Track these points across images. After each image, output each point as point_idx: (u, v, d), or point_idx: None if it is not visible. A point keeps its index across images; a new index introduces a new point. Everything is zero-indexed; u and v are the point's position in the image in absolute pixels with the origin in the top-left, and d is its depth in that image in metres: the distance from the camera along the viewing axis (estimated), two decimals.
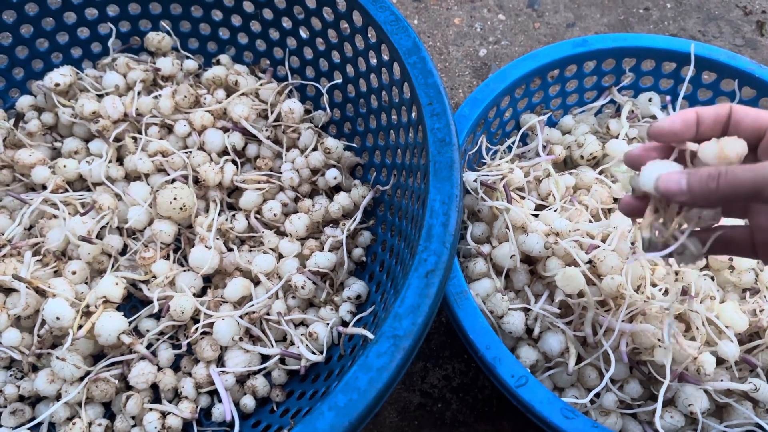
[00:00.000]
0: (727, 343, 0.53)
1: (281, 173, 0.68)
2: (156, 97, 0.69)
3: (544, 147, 0.69)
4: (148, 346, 0.58)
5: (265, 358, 0.59)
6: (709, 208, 0.40)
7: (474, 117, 0.65)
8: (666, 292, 0.55)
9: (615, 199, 0.66)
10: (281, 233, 0.66)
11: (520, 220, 0.59)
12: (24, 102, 0.70)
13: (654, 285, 0.56)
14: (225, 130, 0.69)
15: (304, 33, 0.74)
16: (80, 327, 0.53)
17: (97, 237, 0.61)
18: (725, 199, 0.37)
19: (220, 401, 0.56)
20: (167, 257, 0.62)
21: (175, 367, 0.59)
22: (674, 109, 0.73)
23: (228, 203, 0.68)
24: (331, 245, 0.64)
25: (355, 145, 0.72)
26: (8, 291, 0.59)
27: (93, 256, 0.61)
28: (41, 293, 0.56)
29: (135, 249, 0.63)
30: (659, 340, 0.52)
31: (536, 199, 0.66)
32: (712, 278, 0.59)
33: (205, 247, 0.60)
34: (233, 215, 0.66)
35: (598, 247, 0.56)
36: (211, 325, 0.57)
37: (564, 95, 0.77)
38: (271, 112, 0.70)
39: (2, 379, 0.56)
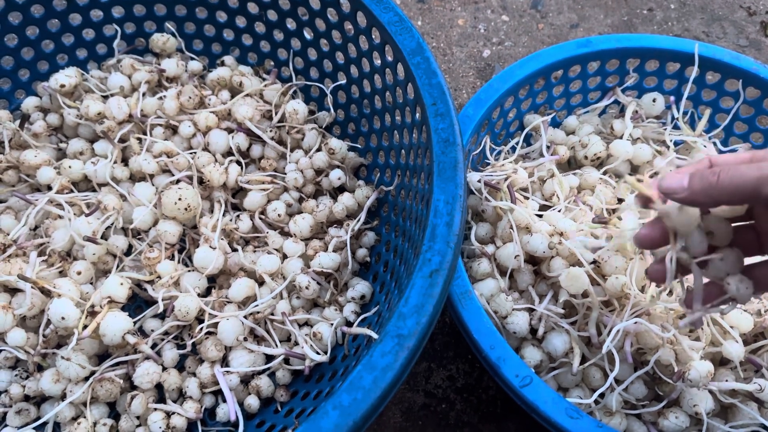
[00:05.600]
0: (732, 343, 0.53)
1: (285, 174, 0.68)
2: (161, 98, 0.70)
3: (548, 147, 0.69)
4: (153, 346, 0.58)
5: (269, 358, 0.59)
6: (708, 207, 0.40)
7: (478, 117, 0.65)
8: (670, 292, 0.55)
9: (619, 200, 0.65)
10: (285, 234, 0.66)
11: (524, 220, 0.59)
12: (29, 103, 0.71)
13: (658, 285, 0.56)
14: (229, 130, 0.69)
15: (308, 34, 0.74)
16: (85, 327, 0.53)
17: (102, 237, 0.61)
18: (725, 193, 0.37)
19: (224, 401, 0.56)
20: (172, 257, 0.63)
21: (180, 367, 0.59)
22: (678, 110, 0.73)
23: (232, 204, 0.68)
24: (335, 246, 0.64)
25: (359, 146, 0.73)
26: (14, 291, 0.59)
27: (98, 257, 0.61)
28: (46, 293, 0.56)
29: (140, 249, 0.63)
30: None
31: (540, 199, 0.66)
32: None
33: (210, 247, 0.60)
34: (238, 216, 0.66)
35: (602, 247, 0.56)
36: (215, 325, 0.57)
37: (568, 96, 0.77)
38: (276, 113, 0.70)
39: (8, 378, 0.56)
